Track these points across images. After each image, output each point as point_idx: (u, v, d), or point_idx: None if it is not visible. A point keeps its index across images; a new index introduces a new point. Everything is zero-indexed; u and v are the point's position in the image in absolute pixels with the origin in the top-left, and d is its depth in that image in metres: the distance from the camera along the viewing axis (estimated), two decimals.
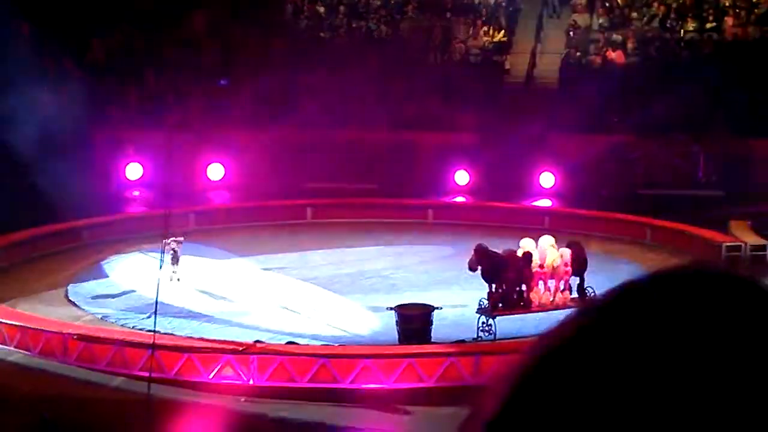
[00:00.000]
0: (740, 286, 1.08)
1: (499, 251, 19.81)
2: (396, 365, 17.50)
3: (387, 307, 19.73)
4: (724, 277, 1.08)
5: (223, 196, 31.95)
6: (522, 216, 28.65)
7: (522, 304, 19.77)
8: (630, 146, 32.62)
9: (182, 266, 22.68)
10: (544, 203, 31.07)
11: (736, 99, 33.14)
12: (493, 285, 19.63)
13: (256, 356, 17.60)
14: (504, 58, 37.42)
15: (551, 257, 19.98)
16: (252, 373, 17.47)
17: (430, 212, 29.87)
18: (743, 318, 1.04)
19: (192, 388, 17.26)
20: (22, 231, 25.55)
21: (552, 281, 19.98)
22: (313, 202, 30.09)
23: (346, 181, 31.17)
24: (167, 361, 17.63)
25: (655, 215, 27.63)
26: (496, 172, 31.26)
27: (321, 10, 39.45)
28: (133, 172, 32.13)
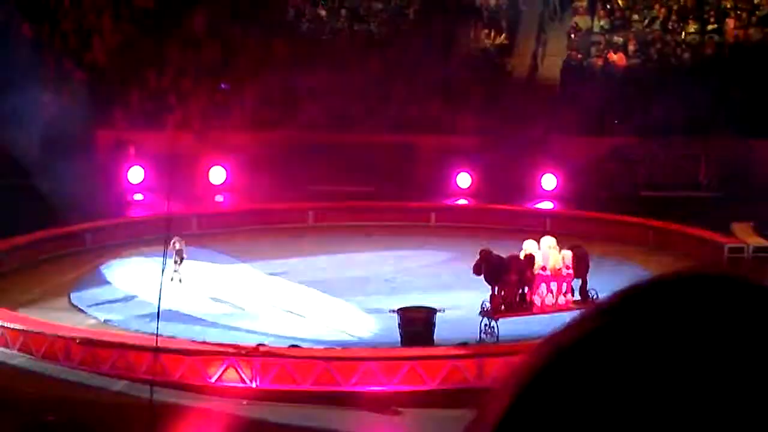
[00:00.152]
0: (746, 289, 1.08)
1: (503, 255, 19.81)
2: (398, 368, 17.50)
3: (389, 310, 19.73)
4: (729, 279, 1.09)
5: (224, 199, 31.92)
6: (524, 218, 28.62)
7: (524, 306, 19.78)
8: (631, 148, 32.59)
9: (185, 267, 22.65)
10: (546, 205, 31.04)
11: (737, 100, 33.15)
12: (496, 287, 19.65)
13: (259, 359, 17.60)
14: (505, 60, 37.40)
15: (553, 259, 19.99)
16: (255, 376, 17.48)
17: (432, 215, 29.85)
18: (750, 321, 1.04)
19: (195, 391, 17.27)
20: (24, 235, 25.54)
21: (554, 283, 19.99)
22: (314, 205, 30.06)
23: (348, 183, 31.14)
24: (170, 365, 17.64)
25: (657, 217, 27.60)
26: (497, 174, 31.22)
27: (323, 13, 39.44)
28: (134, 175, 32.10)
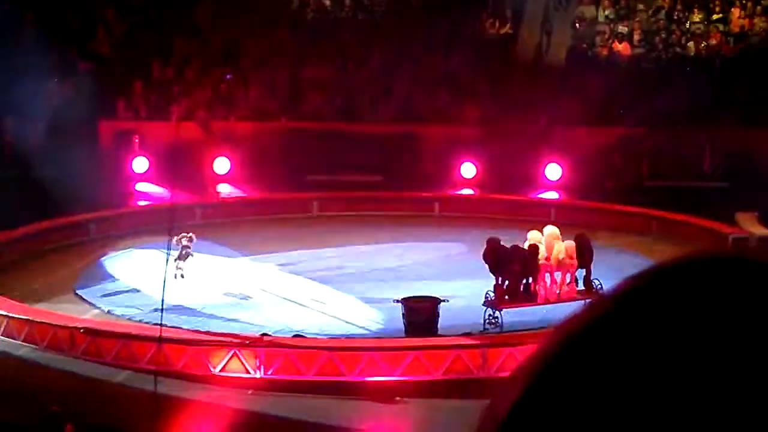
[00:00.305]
0: (758, 271, 1.06)
1: (507, 245, 19.81)
2: (402, 358, 17.50)
3: (393, 300, 19.72)
4: (740, 261, 1.07)
5: (229, 189, 31.90)
6: (528, 208, 28.63)
7: (528, 296, 19.77)
8: (636, 138, 32.56)
9: (189, 263, 22.62)
10: (550, 195, 31.03)
11: (742, 90, 33.11)
12: (499, 277, 19.65)
13: (262, 349, 17.62)
14: (510, 50, 37.35)
15: (557, 249, 19.97)
16: (259, 367, 17.49)
17: (436, 205, 29.86)
18: (763, 302, 1.03)
19: (199, 381, 17.29)
20: (28, 225, 25.57)
21: (558, 273, 19.98)
22: (319, 195, 30.07)
23: (352, 174, 31.14)
24: (174, 355, 17.65)
25: (661, 207, 27.58)
26: (502, 164, 31.22)
27: (327, 3, 39.40)
28: (139, 165, 32.11)
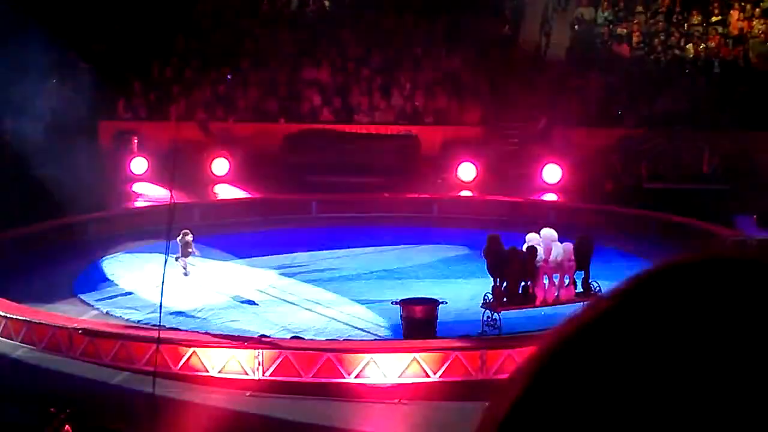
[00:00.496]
0: (757, 271, 1.05)
1: (505, 247, 19.81)
2: (401, 360, 17.50)
3: (392, 302, 19.71)
4: (740, 263, 1.06)
5: (228, 190, 31.91)
6: (527, 210, 28.64)
7: (527, 298, 19.77)
8: (635, 140, 32.58)
9: (193, 260, 22.65)
10: (550, 197, 31.03)
11: (741, 92, 33.15)
12: (498, 279, 19.65)
13: (261, 351, 17.61)
14: (509, 51, 37.37)
15: (555, 251, 19.97)
16: (257, 368, 17.49)
17: (435, 206, 29.86)
18: (763, 303, 1.02)
19: (197, 382, 17.28)
20: (27, 225, 25.59)
21: (557, 276, 19.97)
22: (317, 196, 30.08)
23: (352, 175, 31.14)
24: (172, 356, 17.64)
25: (661, 209, 27.59)
26: (501, 165, 31.25)
27: (327, 3, 39.43)
28: (137, 166, 32.15)
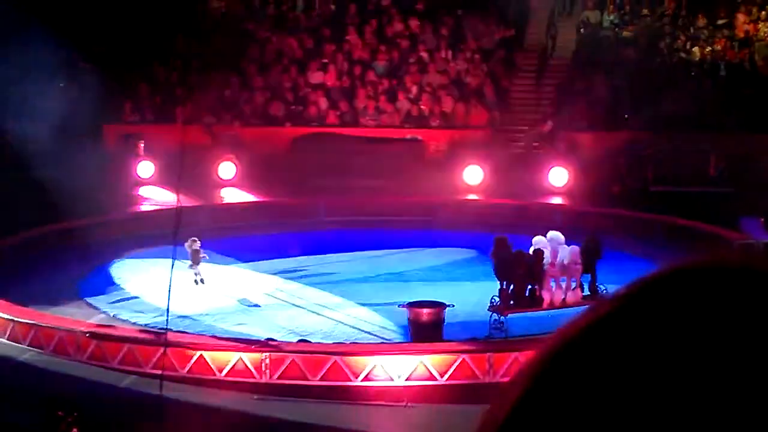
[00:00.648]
0: (763, 280, 1.05)
1: (512, 250, 19.80)
2: (408, 363, 17.49)
3: (398, 305, 19.72)
4: (745, 270, 1.06)
5: (234, 194, 31.91)
6: (533, 213, 28.61)
7: (533, 302, 19.76)
8: (641, 143, 32.55)
9: (203, 266, 22.64)
10: (556, 200, 31.01)
11: (747, 95, 33.13)
12: (504, 282, 19.64)
13: (268, 354, 17.62)
14: (515, 54, 37.36)
15: (562, 255, 19.96)
16: (264, 371, 17.49)
17: (442, 210, 29.83)
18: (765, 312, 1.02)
19: (204, 385, 17.29)
20: (33, 229, 25.61)
21: (563, 279, 19.96)
22: (324, 200, 30.06)
23: (358, 178, 31.12)
24: (179, 359, 17.66)
25: (667, 213, 27.56)
26: (507, 169, 31.23)
27: (332, 7, 39.43)
28: (144, 170, 32.16)
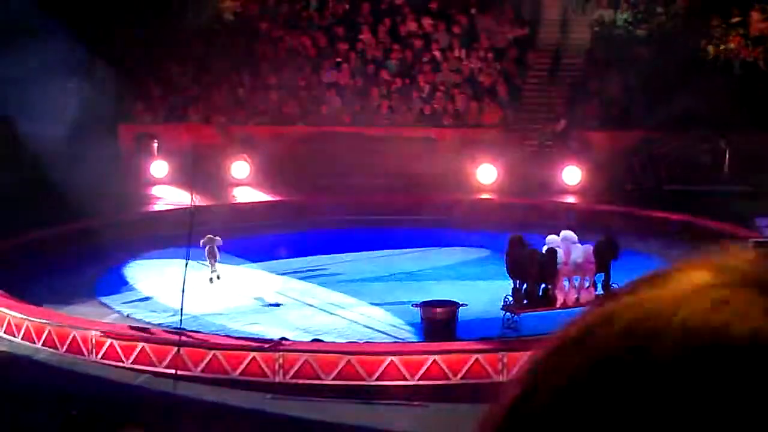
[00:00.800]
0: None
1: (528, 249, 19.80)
2: (421, 362, 17.49)
3: (412, 304, 19.72)
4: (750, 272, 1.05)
5: (247, 193, 31.94)
6: (547, 212, 28.58)
7: (546, 301, 19.75)
8: (654, 141, 32.48)
9: (220, 265, 22.68)
10: (569, 199, 30.97)
11: (761, 93, 33.03)
12: (518, 281, 19.64)
13: (281, 354, 17.64)
14: (528, 53, 37.30)
15: (575, 254, 19.95)
16: (278, 371, 17.51)
17: (454, 209, 29.81)
18: None
19: (218, 385, 17.31)
20: (47, 229, 25.67)
21: (577, 278, 19.95)
22: (337, 199, 30.06)
23: (371, 177, 31.11)
24: (193, 359, 17.69)
25: (680, 210, 27.51)
26: (520, 168, 31.20)
27: (345, 6, 39.42)
28: (158, 169, 32.19)
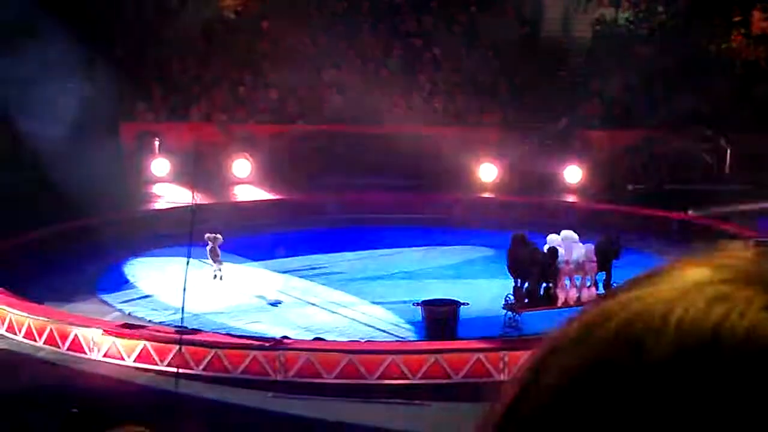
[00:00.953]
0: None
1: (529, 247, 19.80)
2: (422, 361, 17.49)
3: (413, 303, 19.72)
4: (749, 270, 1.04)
5: (248, 192, 31.96)
6: (548, 211, 28.60)
7: (548, 300, 19.76)
8: (656, 141, 32.50)
9: (223, 263, 22.68)
10: (570, 198, 30.99)
11: (763, 92, 33.04)
12: (519, 280, 19.65)
13: (283, 352, 17.64)
14: (530, 51, 37.32)
15: (577, 252, 19.96)
16: (279, 369, 17.51)
17: (455, 207, 29.84)
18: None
19: (219, 383, 17.32)
20: (48, 227, 25.67)
21: (578, 277, 19.96)
22: (337, 197, 30.08)
23: (372, 176, 31.14)
24: (195, 357, 17.69)
25: (681, 209, 27.53)
26: (522, 166, 31.22)
27: (345, 4, 39.43)
28: (159, 167, 32.21)
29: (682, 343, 0.98)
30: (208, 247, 22.30)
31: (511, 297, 19.52)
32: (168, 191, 31.06)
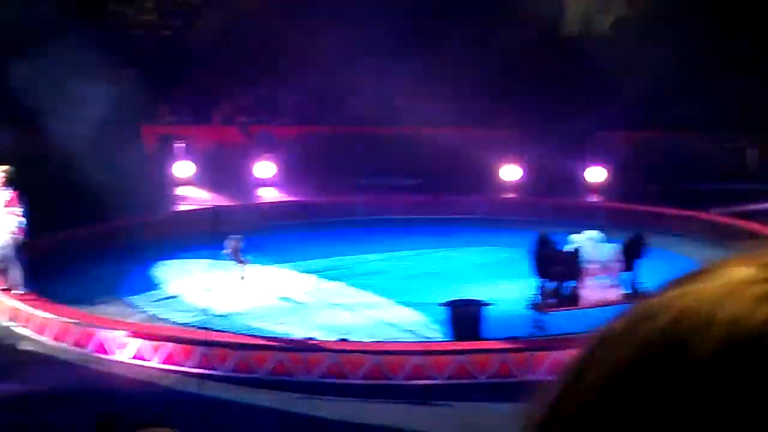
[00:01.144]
0: None
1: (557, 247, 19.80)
2: (447, 362, 17.49)
3: (438, 303, 19.72)
4: None
5: (272, 193, 32.00)
6: (571, 211, 28.55)
7: (573, 300, 19.72)
8: (677, 141, 32.42)
9: (247, 264, 22.74)
10: (593, 198, 30.95)
11: None
12: (544, 280, 19.62)
13: (308, 353, 17.66)
14: (548, 51, 37.23)
15: (601, 252, 19.92)
16: (304, 370, 17.52)
17: (479, 208, 29.82)
18: None
19: (245, 384, 17.34)
20: (73, 229, 25.76)
21: (603, 277, 19.90)
22: (362, 199, 30.10)
23: (394, 177, 31.16)
24: (220, 358, 17.72)
25: (703, 209, 27.46)
26: (544, 167, 31.17)
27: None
28: (182, 170, 32.26)
29: (728, 341, 0.97)
30: (228, 250, 22.34)
31: (537, 297, 19.49)
32: (191, 193, 31.12)
